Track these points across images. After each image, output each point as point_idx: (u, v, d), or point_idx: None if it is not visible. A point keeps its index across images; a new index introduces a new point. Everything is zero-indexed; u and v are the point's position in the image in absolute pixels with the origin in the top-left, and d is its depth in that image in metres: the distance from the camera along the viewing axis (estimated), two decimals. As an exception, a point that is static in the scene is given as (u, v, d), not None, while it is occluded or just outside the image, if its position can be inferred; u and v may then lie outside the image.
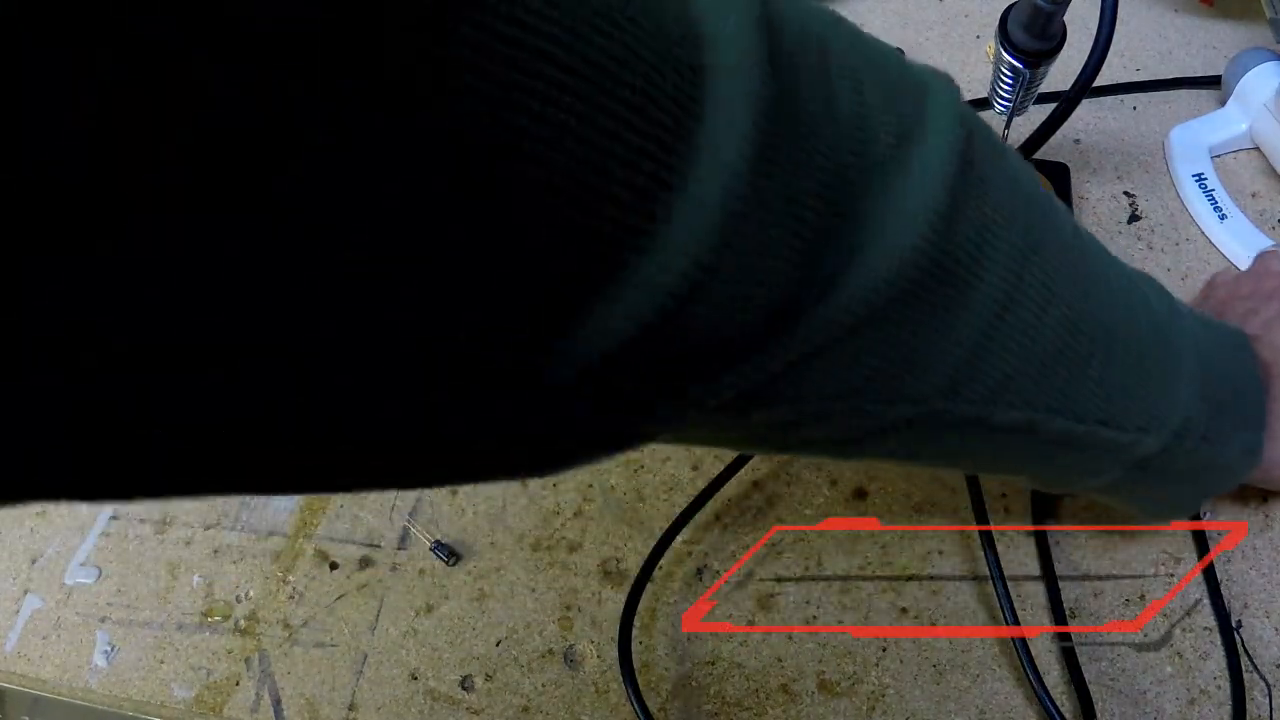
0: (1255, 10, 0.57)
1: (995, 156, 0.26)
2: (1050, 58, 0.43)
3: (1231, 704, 0.39)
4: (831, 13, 0.24)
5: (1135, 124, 0.58)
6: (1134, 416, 0.31)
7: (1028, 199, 0.27)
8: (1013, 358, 0.27)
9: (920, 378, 0.25)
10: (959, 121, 0.24)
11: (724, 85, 0.18)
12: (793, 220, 0.21)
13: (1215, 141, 0.55)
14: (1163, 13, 0.63)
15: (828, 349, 0.23)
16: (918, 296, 0.23)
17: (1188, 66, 0.60)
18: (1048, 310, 0.27)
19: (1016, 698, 0.41)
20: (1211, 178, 0.53)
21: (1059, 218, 0.29)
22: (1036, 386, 0.28)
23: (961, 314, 0.25)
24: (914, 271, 0.23)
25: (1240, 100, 0.55)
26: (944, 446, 0.29)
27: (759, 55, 0.19)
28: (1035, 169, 0.50)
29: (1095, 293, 0.29)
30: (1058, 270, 0.27)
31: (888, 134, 0.23)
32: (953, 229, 0.23)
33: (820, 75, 0.22)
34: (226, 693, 0.47)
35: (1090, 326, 0.28)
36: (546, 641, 0.45)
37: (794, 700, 0.42)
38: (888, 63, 0.24)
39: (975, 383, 0.26)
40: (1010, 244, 0.25)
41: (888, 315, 0.23)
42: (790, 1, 0.22)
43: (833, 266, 0.22)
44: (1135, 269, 0.34)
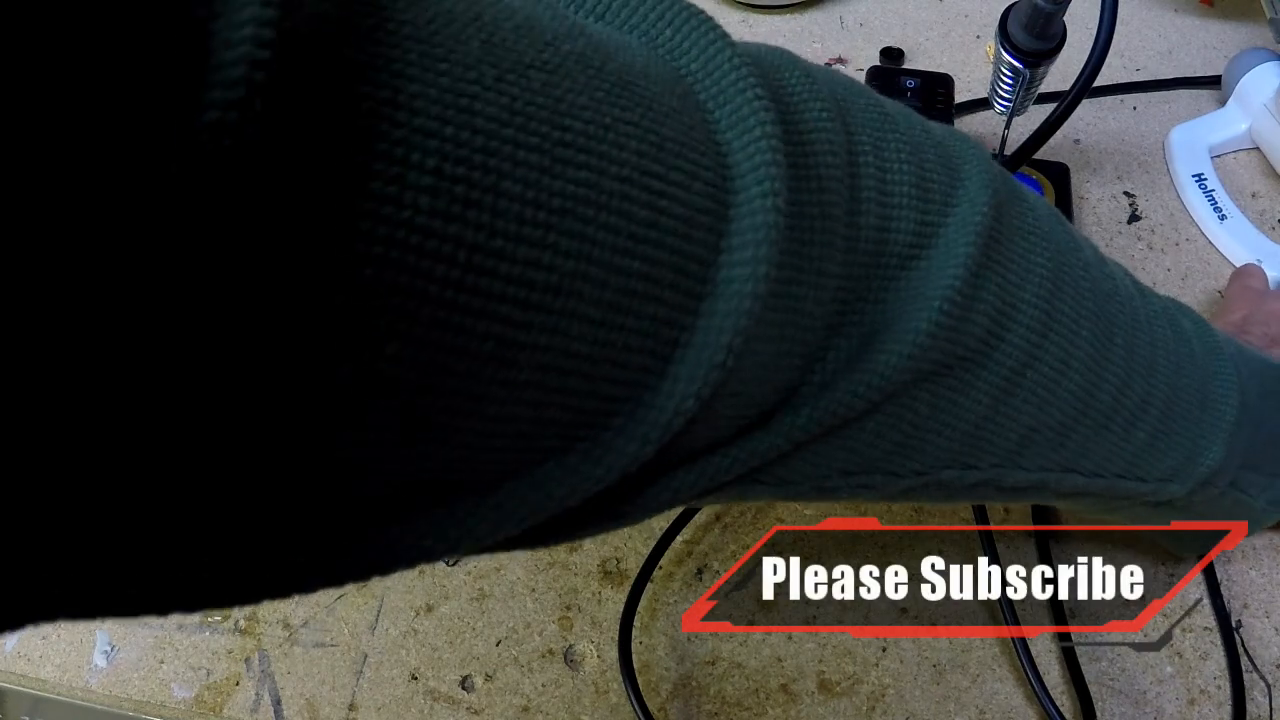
0: (1255, 10, 0.57)
1: (1021, 225, 0.25)
2: (1050, 58, 0.43)
3: (1231, 704, 0.39)
4: (864, 97, 0.23)
5: (1135, 124, 0.58)
6: (1158, 470, 0.30)
7: (1053, 262, 0.25)
8: (1022, 428, 0.26)
9: (925, 454, 0.24)
10: (987, 200, 0.23)
11: (738, 266, 0.18)
12: (800, 331, 0.20)
13: (1215, 141, 0.55)
14: (1163, 13, 0.63)
15: (832, 433, 0.22)
16: (930, 378, 0.23)
17: (1188, 66, 0.60)
18: (1063, 379, 0.26)
19: (1016, 698, 0.41)
20: (1211, 178, 0.53)
21: (1088, 273, 0.27)
22: (1051, 451, 0.27)
23: (972, 391, 0.24)
24: (927, 356, 0.22)
25: (1240, 100, 0.55)
26: (950, 500, 0.28)
27: (774, 224, 0.18)
28: (1038, 171, 0.50)
29: (1119, 354, 0.27)
30: (1078, 335, 0.26)
31: (911, 235, 0.22)
32: (970, 310, 0.23)
33: (848, 189, 0.21)
34: (226, 693, 0.47)
35: (1112, 390, 0.27)
36: (546, 641, 0.45)
37: (794, 700, 0.42)
38: (922, 151, 0.23)
39: (983, 454, 0.26)
40: (1029, 316, 0.24)
41: (897, 398, 0.22)
42: (820, 101, 0.21)
43: (840, 359, 0.21)
44: (1177, 305, 0.32)
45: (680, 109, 0.18)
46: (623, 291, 0.17)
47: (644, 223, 0.17)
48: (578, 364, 0.17)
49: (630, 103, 0.17)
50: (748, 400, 0.20)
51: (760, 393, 0.20)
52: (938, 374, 0.23)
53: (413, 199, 0.14)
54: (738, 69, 0.19)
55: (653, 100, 0.18)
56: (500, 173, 0.15)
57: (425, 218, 0.14)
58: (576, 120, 0.16)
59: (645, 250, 0.17)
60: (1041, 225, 0.26)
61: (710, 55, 0.19)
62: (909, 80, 0.53)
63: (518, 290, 0.15)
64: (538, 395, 0.16)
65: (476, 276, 0.14)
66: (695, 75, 0.19)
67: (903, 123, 0.23)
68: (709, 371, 0.18)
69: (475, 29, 0.16)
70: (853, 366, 0.21)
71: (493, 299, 0.15)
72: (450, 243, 0.14)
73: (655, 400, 0.18)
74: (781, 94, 0.20)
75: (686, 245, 0.18)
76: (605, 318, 0.17)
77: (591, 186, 0.16)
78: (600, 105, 0.17)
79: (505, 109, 0.15)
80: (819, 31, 0.68)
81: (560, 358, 0.16)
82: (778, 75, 0.21)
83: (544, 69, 0.16)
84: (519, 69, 0.16)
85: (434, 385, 0.15)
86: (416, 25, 0.15)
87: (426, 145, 0.14)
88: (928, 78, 0.53)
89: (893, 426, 0.23)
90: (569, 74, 0.17)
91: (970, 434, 0.25)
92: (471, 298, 0.14)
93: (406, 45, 0.14)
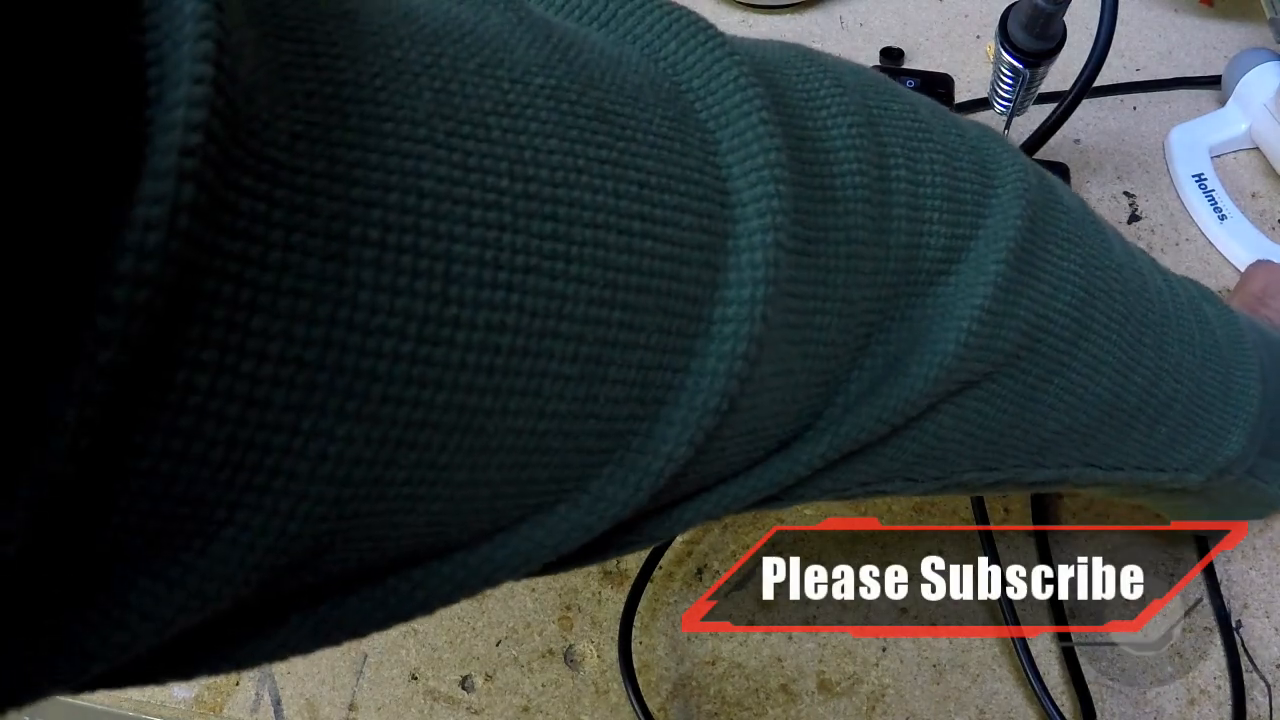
0: (1255, 10, 0.57)
1: (1055, 231, 0.24)
2: (1050, 58, 0.43)
3: (1231, 704, 0.39)
4: (898, 102, 0.22)
5: (1135, 124, 0.58)
6: (1178, 461, 0.29)
7: (1086, 267, 0.24)
8: (1047, 432, 0.25)
9: (947, 461, 0.24)
10: (1021, 211, 0.22)
11: (734, 305, 0.17)
12: (822, 361, 0.19)
13: (1215, 141, 0.55)
14: (1163, 13, 0.63)
15: (853, 454, 0.21)
16: (955, 395, 0.22)
17: (1188, 66, 0.60)
18: (1092, 384, 0.25)
19: (1016, 698, 0.41)
20: (1211, 178, 0.53)
21: (1120, 274, 0.26)
22: (1075, 450, 0.26)
23: (998, 401, 0.23)
24: (954, 377, 0.21)
25: (1240, 100, 0.55)
26: (966, 494, 0.28)
27: (773, 261, 0.17)
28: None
29: (1148, 355, 0.27)
30: (1108, 340, 0.25)
31: (940, 251, 0.21)
32: (1000, 326, 0.22)
33: (878, 209, 0.20)
34: (226, 693, 0.47)
35: (1139, 391, 0.27)
36: (546, 641, 0.45)
37: (794, 700, 0.42)
38: (956, 158, 0.22)
39: (1006, 457, 0.25)
40: (1061, 325, 0.23)
41: (921, 416, 0.22)
42: (849, 116, 0.20)
43: (864, 383, 0.20)
44: (1200, 290, 0.32)
45: (672, 134, 0.17)
46: (603, 343, 0.16)
47: (624, 268, 0.16)
48: (556, 423, 0.16)
49: (609, 138, 0.16)
50: (762, 435, 0.19)
51: (777, 425, 0.19)
52: (964, 389, 0.22)
53: (354, 275, 0.13)
54: (743, 89, 0.18)
55: (636, 130, 0.17)
56: (453, 237, 0.14)
57: (369, 293, 0.13)
58: (542, 168, 0.15)
59: (626, 298, 0.16)
60: (1075, 229, 0.25)
61: (715, 73, 0.18)
62: (909, 80, 0.53)
63: (480, 357, 0.14)
64: (512, 458, 0.16)
65: (431, 348, 0.14)
66: (697, 93, 0.18)
67: (937, 128, 0.22)
68: (703, 417, 0.17)
69: (428, 79, 0.15)
70: (877, 390, 0.20)
71: (451, 369, 0.14)
72: (399, 317, 0.13)
73: (647, 446, 0.17)
74: (801, 111, 0.19)
75: (675, 285, 0.17)
76: (584, 372, 0.16)
77: (560, 238, 0.15)
78: (572, 146, 0.16)
79: (458, 166, 0.14)
80: (819, 31, 0.68)
81: (534, 420, 0.15)
82: (804, 86, 0.20)
83: (507, 113, 0.15)
84: (476, 118, 0.15)
85: (393, 460, 0.14)
86: (359, 84, 0.14)
87: (368, 216, 0.13)
88: (928, 78, 0.53)
89: (915, 440, 0.22)
90: (536, 115, 0.16)
91: (993, 441, 0.24)
92: (427, 369, 0.14)
93: (347, 109, 0.13)
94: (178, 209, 0.11)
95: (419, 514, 0.15)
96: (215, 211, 0.12)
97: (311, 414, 0.13)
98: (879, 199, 0.20)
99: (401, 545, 0.16)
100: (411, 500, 0.15)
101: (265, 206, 0.12)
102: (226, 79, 0.12)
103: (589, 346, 0.16)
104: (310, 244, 0.13)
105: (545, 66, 0.16)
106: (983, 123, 0.25)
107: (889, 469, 0.23)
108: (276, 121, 0.13)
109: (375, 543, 0.15)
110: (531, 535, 0.17)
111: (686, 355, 0.17)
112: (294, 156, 0.13)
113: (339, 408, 0.13)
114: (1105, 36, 0.40)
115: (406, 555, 0.16)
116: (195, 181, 0.11)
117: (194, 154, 0.11)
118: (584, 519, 0.17)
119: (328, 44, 0.14)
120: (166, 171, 0.11)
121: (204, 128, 0.11)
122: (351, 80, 0.14)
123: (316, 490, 0.14)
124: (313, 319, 0.13)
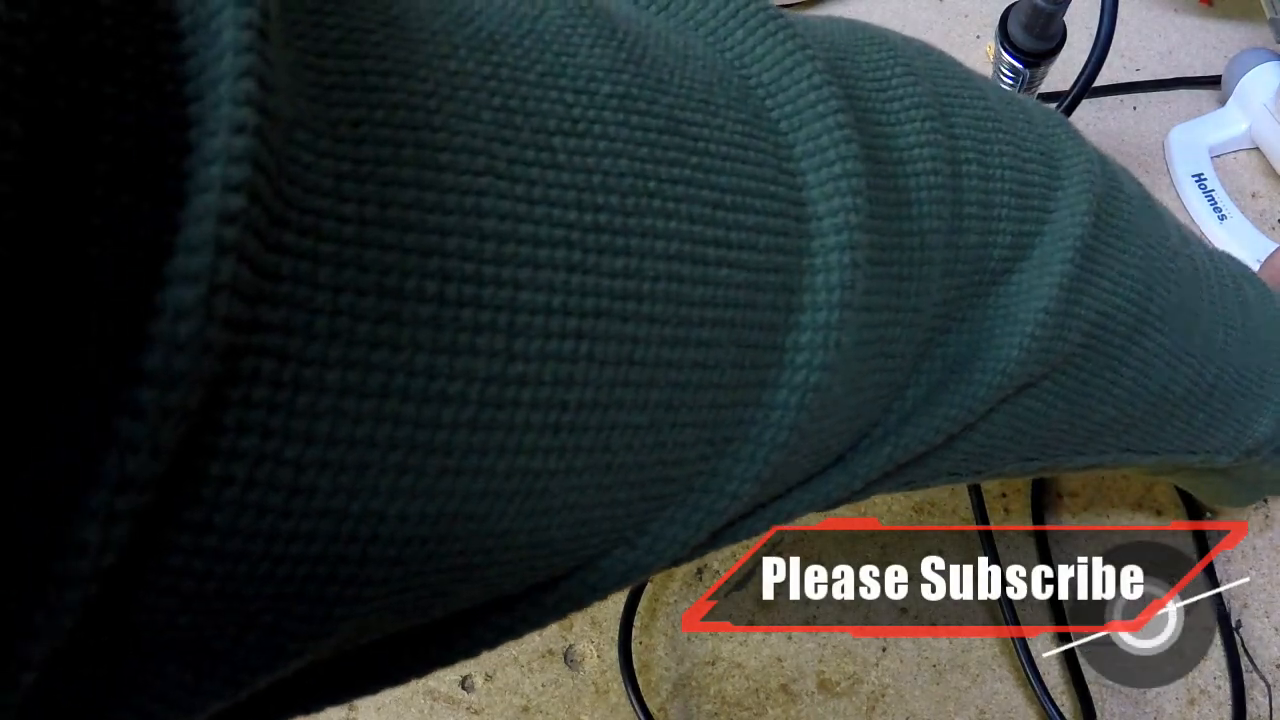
0: (1255, 10, 0.57)
1: (1118, 224, 0.23)
2: (1050, 58, 0.43)
3: (1231, 704, 0.39)
4: (968, 88, 0.21)
5: (1135, 124, 0.58)
6: (1210, 444, 0.29)
7: (1146, 259, 0.23)
8: (1094, 425, 0.24)
9: (993, 459, 0.23)
10: (1088, 207, 0.21)
11: (808, 331, 0.16)
12: (888, 374, 0.18)
13: (1215, 141, 0.55)
14: (1163, 13, 0.63)
15: (916, 460, 0.20)
16: (1012, 397, 0.21)
17: (1188, 66, 0.60)
18: (1145, 378, 0.24)
19: (1016, 698, 0.41)
20: (1211, 178, 0.53)
21: (1175, 263, 0.25)
22: (1115, 439, 0.26)
23: (1051, 398, 0.22)
24: (1013, 383, 0.20)
25: (1240, 100, 0.55)
26: (1005, 478, 0.28)
27: (849, 284, 0.16)
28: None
29: (1197, 345, 0.26)
30: (1162, 333, 0.24)
31: (1007, 249, 0.20)
32: (1064, 327, 0.21)
33: (950, 209, 0.19)
34: (226, 693, 0.47)
35: (1186, 383, 0.26)
36: (546, 641, 0.45)
37: (794, 700, 0.42)
38: (1024, 148, 0.21)
39: (1049, 449, 0.24)
40: (1120, 322, 0.23)
41: (981, 419, 0.21)
42: (923, 109, 0.19)
43: (922, 389, 0.19)
44: (1243, 270, 0.31)
45: (746, 141, 0.16)
46: (675, 386, 0.14)
47: (698, 302, 0.14)
48: (622, 475, 0.14)
49: (682, 152, 0.15)
50: (823, 453, 0.18)
51: (838, 442, 0.18)
52: (1020, 390, 0.21)
53: (410, 337, 0.11)
54: (818, 87, 0.17)
55: (710, 141, 0.15)
56: (517, 283, 0.12)
57: (427, 356, 0.11)
58: (613, 194, 0.13)
59: (700, 334, 0.14)
60: (1136, 220, 0.24)
61: (787, 67, 0.17)
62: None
63: (546, 415, 0.13)
64: (576, 515, 0.14)
65: (495, 411, 0.12)
66: (769, 89, 0.17)
67: (1006, 116, 0.21)
68: (771, 452, 0.16)
69: (487, 94, 0.13)
70: (936, 398, 0.19)
71: (515, 431, 0.13)
72: (459, 380, 0.12)
73: (712, 485, 0.16)
74: (874, 106, 0.18)
75: (751, 315, 0.15)
76: (654, 419, 0.14)
77: (633, 275, 0.13)
78: (643, 166, 0.14)
79: (522, 200, 0.12)
80: (819, 31, 0.68)
81: (601, 474, 0.14)
82: (875, 75, 0.19)
83: (573, 131, 0.14)
84: (540, 140, 0.13)
85: (449, 534, 0.13)
86: (412, 107, 0.12)
87: (424, 267, 0.11)
88: (928, 78, 0.53)
89: (967, 441, 0.21)
90: (605, 131, 0.14)
91: (1041, 436, 0.23)
92: (489, 435, 0.12)
93: (400, 137, 0.12)
94: (215, 289, 0.09)
95: (473, 582, 0.14)
96: (255, 282, 0.10)
97: (362, 496, 0.12)
98: (952, 198, 0.19)
99: (449, 609, 0.15)
100: (466, 571, 0.14)
101: (310, 266, 0.11)
102: (270, 124, 0.10)
103: (660, 391, 0.14)
104: (360, 305, 0.11)
105: (612, 70, 0.15)
106: (1047, 106, 0.24)
107: (937, 468, 0.22)
108: (320, 161, 0.11)
109: (424, 612, 0.14)
110: (585, 580, 0.16)
111: (759, 388, 0.16)
112: (340, 202, 0.11)
113: (392, 486, 0.12)
114: (1105, 36, 0.40)
115: (454, 615, 0.15)
116: (236, 254, 0.09)
117: (235, 220, 0.09)
118: (641, 559, 0.16)
119: (376, 58, 0.12)
120: (202, 243, 0.09)
121: (246, 187, 0.10)
122: (404, 102, 0.12)
123: (365, 573, 0.12)
124: (364, 392, 0.11)
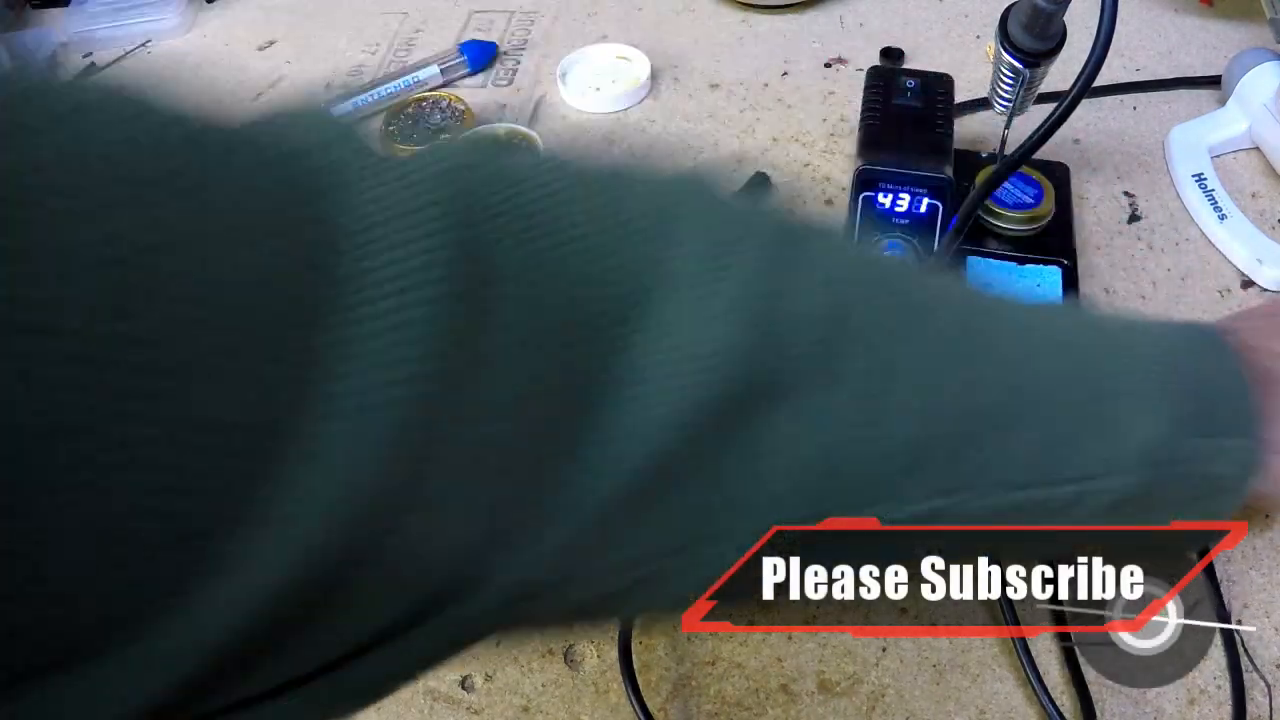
0: (1255, 10, 0.57)
1: (822, 250, 0.24)
2: (1050, 58, 0.43)
3: (1231, 704, 0.39)
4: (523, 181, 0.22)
5: (1135, 124, 0.58)
6: (1075, 467, 0.28)
7: (849, 272, 0.25)
8: (851, 466, 0.25)
9: (776, 505, 0.24)
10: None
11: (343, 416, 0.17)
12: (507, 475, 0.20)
13: (1215, 141, 0.55)
14: (1163, 13, 0.63)
15: (593, 531, 0.21)
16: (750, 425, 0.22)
17: (1188, 66, 0.60)
18: (891, 394, 0.25)
19: (1016, 698, 0.41)
20: (1211, 178, 0.53)
21: (907, 286, 0.26)
22: (936, 475, 0.26)
23: (792, 428, 0.23)
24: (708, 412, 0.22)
25: (1240, 100, 0.55)
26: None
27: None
28: (1038, 171, 0.50)
29: (956, 368, 0.26)
30: (887, 348, 0.25)
31: (620, 289, 0.21)
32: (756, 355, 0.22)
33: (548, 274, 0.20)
34: (226, 693, 0.47)
35: (966, 403, 0.26)
36: (546, 641, 0.45)
37: (794, 700, 0.42)
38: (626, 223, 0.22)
39: (858, 492, 0.25)
40: (804, 347, 0.24)
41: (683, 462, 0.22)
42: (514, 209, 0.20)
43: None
44: (1048, 304, 0.32)
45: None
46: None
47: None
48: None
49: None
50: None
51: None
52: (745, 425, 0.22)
53: None
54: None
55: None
56: None
57: None
58: None
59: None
60: (831, 254, 0.25)
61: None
62: (909, 80, 0.53)
63: None
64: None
65: None
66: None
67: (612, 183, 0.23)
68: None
69: None
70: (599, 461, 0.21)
71: None
72: None
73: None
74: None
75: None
76: None
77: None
78: None
79: None
80: (819, 31, 0.68)
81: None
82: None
83: None
84: None
85: None
86: None
87: None
88: (928, 78, 0.53)
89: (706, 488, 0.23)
90: None
91: (781, 492, 0.24)
92: None
93: None
94: None
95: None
96: None
97: None
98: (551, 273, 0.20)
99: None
100: None
101: None
102: None
103: None
104: None
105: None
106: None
107: (640, 547, 0.23)
108: None
109: None
110: None
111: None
112: None
113: None
114: (1105, 36, 0.40)
115: None
116: None
117: None
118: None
119: None
120: None
121: None
122: None
123: None
124: None
